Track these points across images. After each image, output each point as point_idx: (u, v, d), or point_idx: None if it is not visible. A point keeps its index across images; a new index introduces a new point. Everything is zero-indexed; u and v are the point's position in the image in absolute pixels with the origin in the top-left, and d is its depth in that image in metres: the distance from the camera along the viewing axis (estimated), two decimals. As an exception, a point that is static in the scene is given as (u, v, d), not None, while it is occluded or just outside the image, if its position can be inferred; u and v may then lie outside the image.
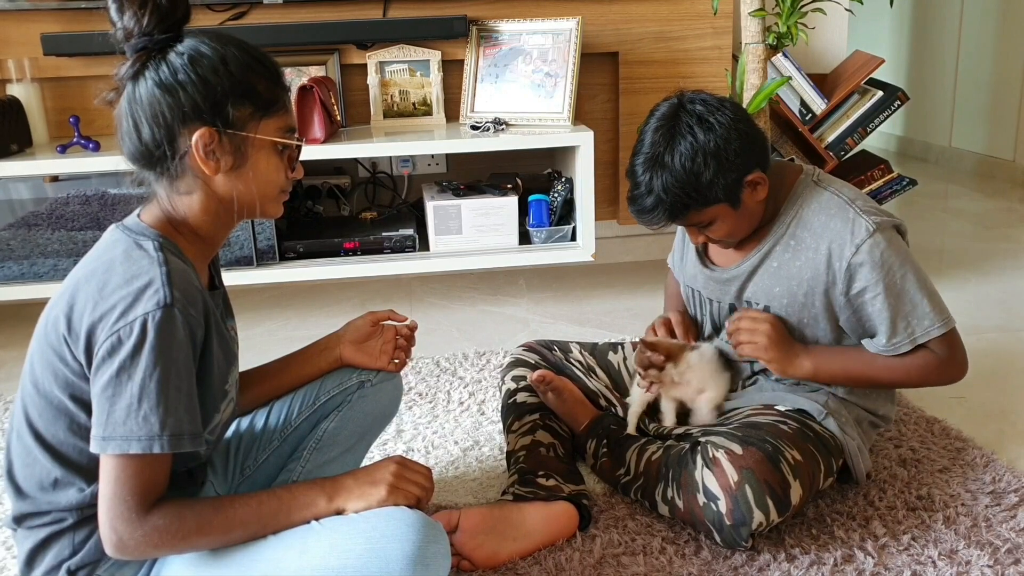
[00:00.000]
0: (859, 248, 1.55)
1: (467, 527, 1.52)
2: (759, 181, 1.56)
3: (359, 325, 1.57)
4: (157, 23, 1.16)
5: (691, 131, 1.52)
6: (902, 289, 1.56)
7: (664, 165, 1.52)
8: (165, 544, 1.15)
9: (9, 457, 1.23)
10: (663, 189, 1.52)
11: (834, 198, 1.60)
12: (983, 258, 3.28)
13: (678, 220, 1.58)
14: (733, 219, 1.59)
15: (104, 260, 1.17)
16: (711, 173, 1.51)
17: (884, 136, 5.46)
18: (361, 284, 3.18)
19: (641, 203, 1.56)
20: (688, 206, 1.54)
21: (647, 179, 1.54)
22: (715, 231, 1.60)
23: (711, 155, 1.51)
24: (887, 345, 1.58)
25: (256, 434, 1.53)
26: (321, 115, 2.52)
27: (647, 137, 1.56)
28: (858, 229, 1.55)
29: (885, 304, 1.56)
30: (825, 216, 1.59)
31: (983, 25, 4.62)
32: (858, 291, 1.57)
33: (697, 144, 1.51)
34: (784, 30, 2.73)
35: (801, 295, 1.62)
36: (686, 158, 1.51)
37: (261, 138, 1.22)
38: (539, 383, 1.81)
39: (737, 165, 1.53)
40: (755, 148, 1.57)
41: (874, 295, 1.56)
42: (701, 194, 1.53)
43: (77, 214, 2.56)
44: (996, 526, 1.60)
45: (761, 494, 1.45)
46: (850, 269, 1.56)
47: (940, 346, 1.59)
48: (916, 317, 1.57)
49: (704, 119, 1.52)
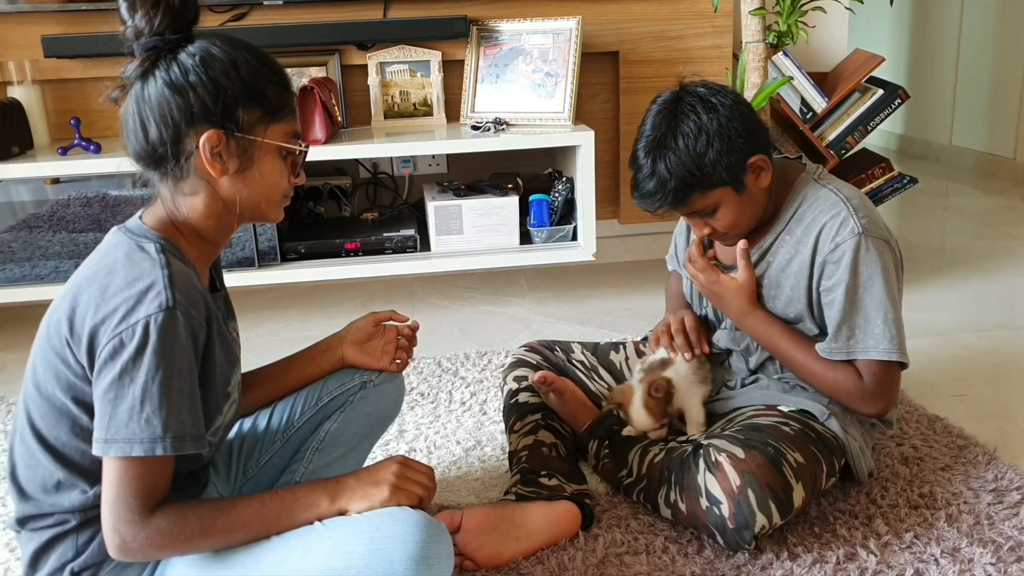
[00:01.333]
0: (838, 246, 1.54)
1: (470, 527, 1.52)
2: (763, 166, 1.56)
3: (361, 326, 1.57)
4: (169, 23, 1.16)
5: (694, 111, 1.51)
6: (861, 299, 1.54)
7: (667, 146, 1.51)
8: (168, 546, 1.16)
9: (12, 459, 1.23)
10: (667, 170, 1.51)
11: (831, 195, 1.59)
12: (984, 256, 3.27)
13: (682, 205, 1.56)
14: (737, 205, 1.57)
15: (106, 263, 1.17)
16: (715, 153, 1.50)
17: (885, 134, 5.46)
18: (362, 285, 3.18)
19: (644, 187, 1.55)
20: (692, 187, 1.52)
21: (650, 162, 1.53)
22: (720, 219, 1.58)
23: (715, 134, 1.50)
24: (826, 347, 1.58)
25: (259, 435, 1.53)
26: (322, 116, 2.52)
27: (648, 122, 1.56)
28: (844, 228, 1.54)
29: (841, 306, 1.55)
30: (818, 211, 1.58)
31: (983, 23, 4.62)
32: (826, 288, 1.57)
33: (700, 123, 1.50)
34: (784, 29, 2.73)
35: (801, 290, 1.61)
36: (689, 138, 1.50)
37: (268, 142, 1.22)
38: (541, 384, 1.81)
39: (740, 145, 1.52)
40: (757, 131, 1.56)
41: (834, 296, 1.55)
42: (705, 175, 1.51)
43: (78, 216, 2.56)
44: (998, 524, 1.60)
45: (764, 498, 1.45)
46: (824, 264, 1.56)
47: (870, 373, 1.57)
48: (863, 332, 1.55)
49: (707, 100, 1.52)
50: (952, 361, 2.34)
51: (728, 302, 1.67)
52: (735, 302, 1.66)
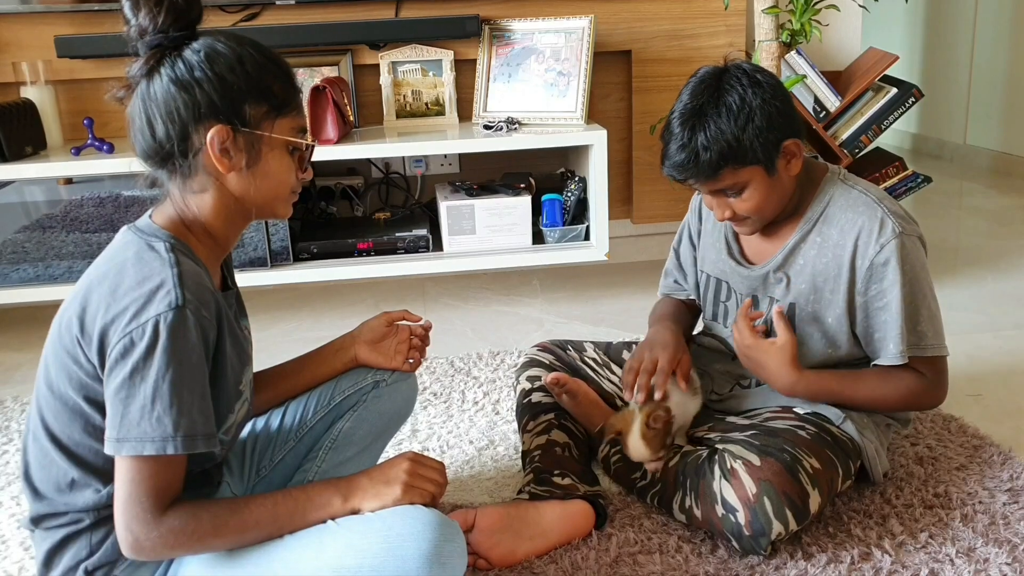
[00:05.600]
0: (883, 247, 1.53)
1: (484, 526, 1.52)
2: (795, 151, 1.54)
3: (374, 325, 1.57)
4: (173, 21, 1.17)
5: (740, 83, 1.50)
6: (915, 298, 1.54)
7: (708, 116, 1.49)
8: (181, 545, 1.16)
9: (26, 459, 1.24)
10: (706, 141, 1.49)
11: (862, 196, 1.58)
12: (999, 255, 3.25)
13: (712, 179, 1.53)
14: (765, 188, 1.55)
15: (116, 262, 1.18)
16: (754, 128, 1.48)
17: (898, 133, 5.43)
18: (375, 284, 3.18)
19: (677, 157, 1.52)
20: (727, 161, 1.50)
21: (687, 132, 1.51)
22: (745, 201, 1.56)
23: (757, 108, 1.49)
24: (895, 351, 1.56)
25: (272, 434, 1.53)
26: (334, 116, 2.52)
27: (686, 94, 1.54)
28: (885, 229, 1.53)
29: (900, 310, 1.54)
30: (853, 213, 1.57)
31: (998, 21, 4.59)
32: (875, 293, 1.56)
33: (746, 96, 1.49)
34: (798, 27, 2.73)
35: (827, 292, 1.60)
36: (732, 109, 1.48)
37: (275, 137, 1.22)
38: (554, 385, 1.80)
39: (780, 125, 1.51)
40: (795, 116, 1.55)
41: (889, 300, 1.54)
42: (742, 149, 1.49)
43: (91, 216, 2.57)
44: (1014, 524, 1.59)
45: (780, 505, 1.44)
46: (871, 268, 1.55)
47: (931, 369, 1.58)
48: (927, 329, 1.55)
49: (752, 75, 1.51)
50: (967, 360, 2.33)
51: (770, 371, 1.61)
52: (778, 370, 1.60)
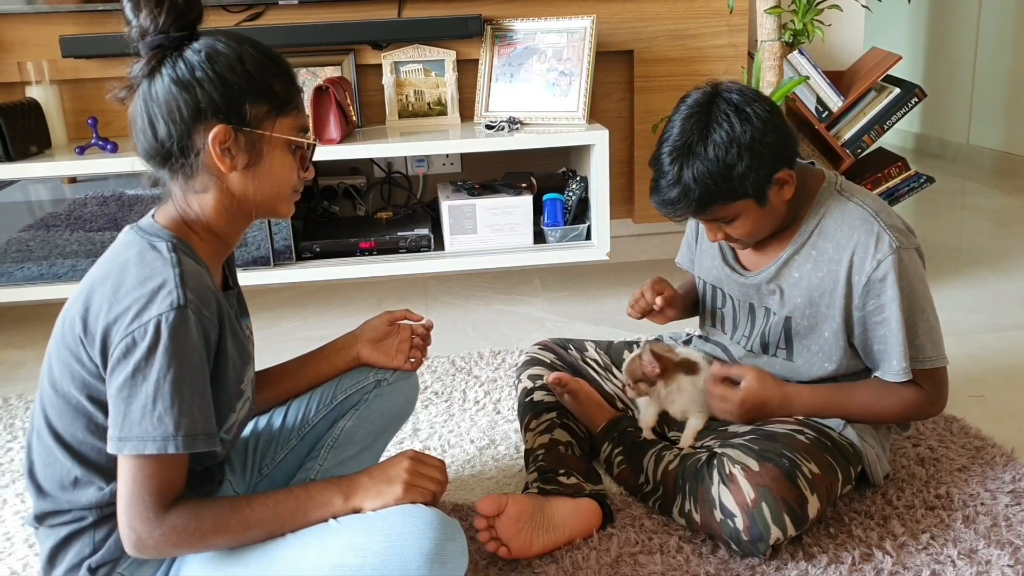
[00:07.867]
0: (880, 263, 1.51)
1: (513, 513, 1.50)
2: (787, 180, 1.52)
3: (375, 324, 1.58)
4: (173, 21, 1.17)
5: (728, 120, 1.46)
6: (913, 313, 1.53)
7: (696, 154, 1.46)
8: (183, 543, 1.16)
9: (30, 457, 1.24)
10: (693, 179, 1.47)
11: (858, 209, 1.56)
12: (1001, 256, 3.25)
13: (702, 214, 1.53)
14: (757, 217, 1.54)
15: (118, 262, 1.18)
16: (744, 166, 1.46)
17: (901, 133, 5.43)
18: (377, 284, 3.19)
19: (666, 194, 1.50)
20: (716, 199, 1.49)
21: (675, 169, 1.48)
22: (737, 228, 1.56)
23: (746, 147, 1.45)
24: (897, 367, 1.55)
25: (274, 433, 1.54)
26: (337, 115, 2.53)
27: (677, 125, 1.50)
28: (881, 244, 1.51)
29: (900, 326, 1.52)
30: (849, 227, 1.55)
31: (1001, 21, 4.59)
32: (873, 308, 1.54)
33: (733, 134, 1.45)
34: (800, 27, 2.73)
35: (823, 306, 1.59)
36: (720, 148, 1.45)
37: (277, 136, 1.22)
38: (556, 385, 1.80)
39: (770, 160, 1.48)
40: (788, 145, 1.52)
41: (888, 315, 1.53)
42: (731, 187, 1.47)
43: (95, 215, 2.57)
44: (1016, 525, 1.59)
45: (778, 511, 1.44)
46: (868, 284, 1.53)
47: (929, 380, 1.58)
48: (925, 343, 1.55)
49: (741, 109, 1.47)
50: (969, 361, 2.33)
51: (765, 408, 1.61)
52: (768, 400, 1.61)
